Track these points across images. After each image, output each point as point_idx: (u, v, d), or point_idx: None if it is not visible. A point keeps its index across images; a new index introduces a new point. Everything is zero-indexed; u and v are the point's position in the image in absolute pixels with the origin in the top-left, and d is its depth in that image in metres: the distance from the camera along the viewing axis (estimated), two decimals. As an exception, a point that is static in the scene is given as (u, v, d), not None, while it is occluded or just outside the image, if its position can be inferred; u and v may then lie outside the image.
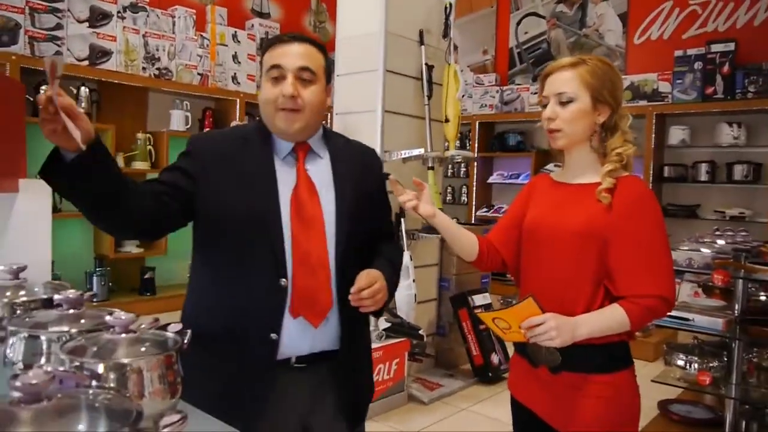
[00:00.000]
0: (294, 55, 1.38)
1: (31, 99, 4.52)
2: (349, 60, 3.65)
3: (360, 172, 1.50)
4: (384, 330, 3.31)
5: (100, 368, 0.95)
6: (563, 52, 6.59)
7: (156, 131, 5.26)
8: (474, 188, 6.81)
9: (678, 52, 5.53)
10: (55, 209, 4.62)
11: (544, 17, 6.80)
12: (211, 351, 1.32)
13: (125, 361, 0.97)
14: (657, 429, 2.85)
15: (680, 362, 2.67)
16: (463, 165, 6.95)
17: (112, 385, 0.96)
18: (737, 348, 2.55)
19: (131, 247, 5.13)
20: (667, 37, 5.95)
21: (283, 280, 1.34)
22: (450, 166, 7.06)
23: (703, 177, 5.47)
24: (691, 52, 5.46)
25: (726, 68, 5.26)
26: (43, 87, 4.47)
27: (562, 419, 1.43)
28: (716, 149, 5.43)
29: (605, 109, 1.43)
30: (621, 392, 1.41)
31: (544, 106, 1.48)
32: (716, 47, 5.34)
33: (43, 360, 1.06)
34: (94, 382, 0.93)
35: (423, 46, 3.70)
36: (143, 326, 1.16)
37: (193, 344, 1.16)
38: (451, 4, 3.80)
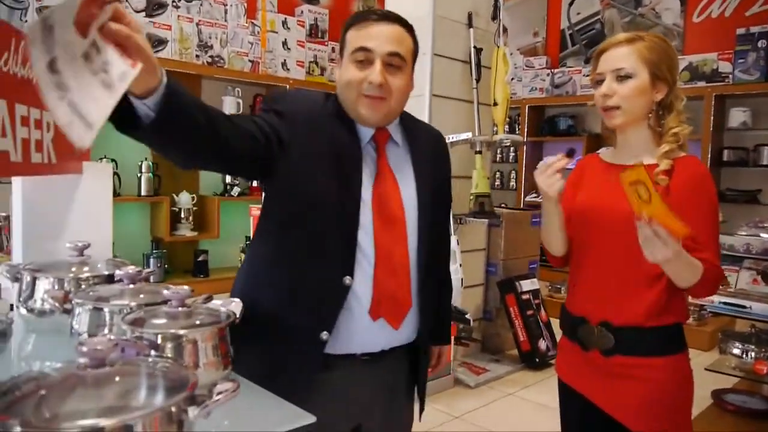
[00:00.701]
0: (384, 38, 1.26)
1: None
2: (396, 44, 3.64)
3: (434, 160, 1.44)
4: (430, 313, 3.33)
5: (159, 339, 1.00)
6: (618, 33, 6.38)
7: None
8: (523, 173, 6.71)
9: (740, 30, 5.28)
10: (115, 193, 4.82)
11: (597, -3, 6.60)
12: (260, 333, 1.28)
13: (181, 332, 1.03)
14: (710, 419, 2.78)
15: (736, 351, 2.59)
16: (512, 150, 6.86)
17: (168, 354, 1.02)
18: (797, 337, 2.46)
19: (185, 231, 5.30)
20: (729, 15, 5.69)
21: (348, 278, 1.26)
22: (499, 151, 6.97)
23: (765, 161, 5.24)
24: (754, 29, 5.21)
25: (792, 46, 5.00)
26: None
27: (614, 403, 1.42)
28: (780, 132, 5.19)
29: (663, 86, 1.40)
30: (674, 376, 1.39)
31: (598, 83, 1.44)
32: (782, 24, 5.08)
33: (106, 330, 1.12)
34: (152, 352, 0.99)
35: (471, 29, 3.66)
36: (198, 301, 1.22)
37: (243, 322, 1.19)
38: (500, -15, 3.75)
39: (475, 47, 3.65)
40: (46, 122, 1.23)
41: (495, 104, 3.64)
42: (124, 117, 0.96)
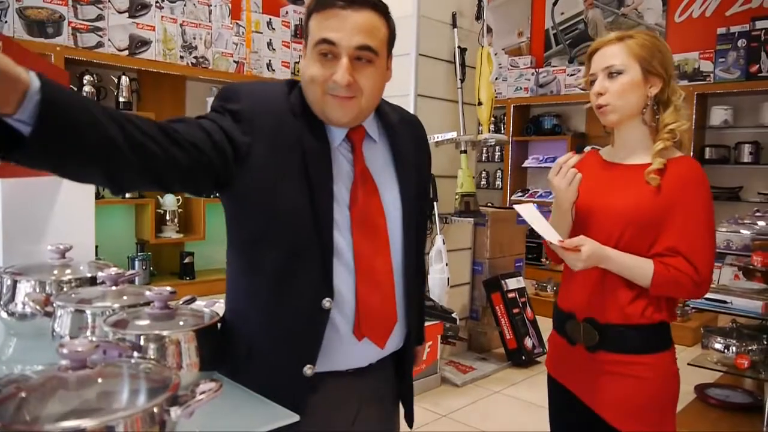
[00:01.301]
0: (351, 28, 1.07)
1: (74, 88, 4.67)
2: (381, 44, 3.65)
3: (415, 152, 1.29)
4: (417, 313, 3.34)
5: (141, 340, 1.00)
6: (601, 33, 6.45)
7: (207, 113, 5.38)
8: (509, 172, 6.75)
9: (721, 30, 5.36)
10: (98, 196, 4.78)
11: (581, -3, 6.66)
12: (243, 359, 1.16)
13: (164, 333, 1.02)
14: (694, 413, 2.81)
15: (718, 345, 2.62)
16: (498, 149, 6.90)
17: (152, 356, 1.01)
18: (778, 332, 2.50)
19: (171, 233, 5.27)
20: (710, 14, 5.76)
21: (327, 300, 1.12)
22: (485, 150, 7.01)
23: (747, 158, 5.31)
24: (734, 29, 5.29)
25: (772, 45, 5.08)
26: (86, 77, 4.62)
27: (598, 398, 1.43)
28: (760, 130, 5.27)
29: (656, 81, 1.39)
30: (658, 374, 1.40)
31: (592, 84, 1.44)
32: (761, 24, 5.16)
33: (88, 333, 1.11)
34: (135, 353, 0.98)
35: (456, 29, 3.68)
36: (181, 302, 1.22)
37: (232, 337, 1.17)
38: (484, -14, 3.77)
39: (459, 47, 3.67)
40: (26, 124, 1.22)
41: (480, 104, 3.66)
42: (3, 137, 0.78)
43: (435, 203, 3.59)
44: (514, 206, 1.50)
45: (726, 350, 2.60)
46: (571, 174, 1.41)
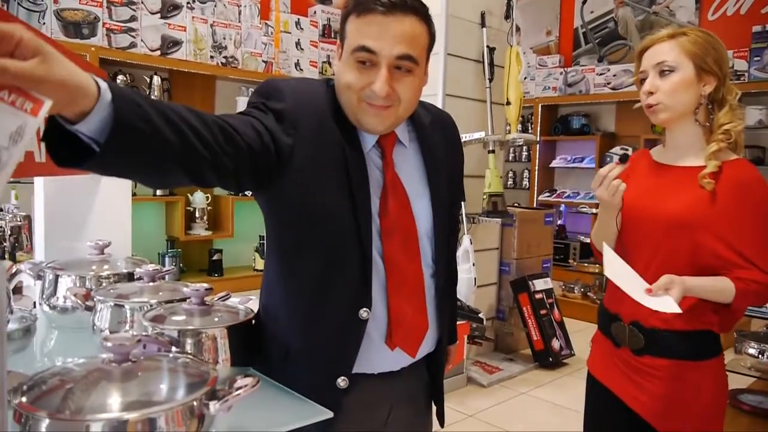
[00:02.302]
0: (393, 37, 1.03)
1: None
2: (409, 44, 3.66)
3: (446, 154, 1.26)
4: (443, 312, 3.35)
5: (179, 335, 1.03)
6: (631, 31, 6.36)
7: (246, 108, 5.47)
8: (536, 172, 6.69)
9: (756, 28, 5.24)
10: (131, 193, 4.88)
11: (611, -5, 6.57)
12: (281, 355, 1.16)
13: (201, 328, 1.05)
14: (726, 419, 2.76)
15: (752, 350, 2.57)
16: (525, 149, 6.84)
17: (189, 350, 1.04)
18: (814, 337, 2.44)
19: (200, 230, 5.35)
20: (744, 12, 5.64)
21: (364, 311, 1.10)
22: (512, 150, 6.96)
23: (783, 159, 5.20)
24: (770, 27, 5.17)
25: (810, 44, 4.95)
26: (119, 76, 4.72)
27: (640, 401, 1.42)
28: (797, 130, 5.14)
29: (711, 79, 1.34)
30: (705, 380, 1.38)
31: (642, 82, 1.39)
32: (799, 21, 5.03)
33: (127, 327, 1.14)
34: (173, 348, 1.01)
35: (484, 29, 3.66)
36: (216, 299, 1.24)
37: (266, 338, 1.18)
38: (513, -16, 3.75)
39: (488, 47, 3.65)
40: (69, 123, 1.26)
41: (508, 103, 3.64)
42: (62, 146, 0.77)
43: (462, 203, 3.59)
44: (606, 274, 1.41)
45: (761, 355, 2.55)
46: (614, 186, 1.36)
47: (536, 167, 6.70)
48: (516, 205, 6.27)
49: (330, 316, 1.12)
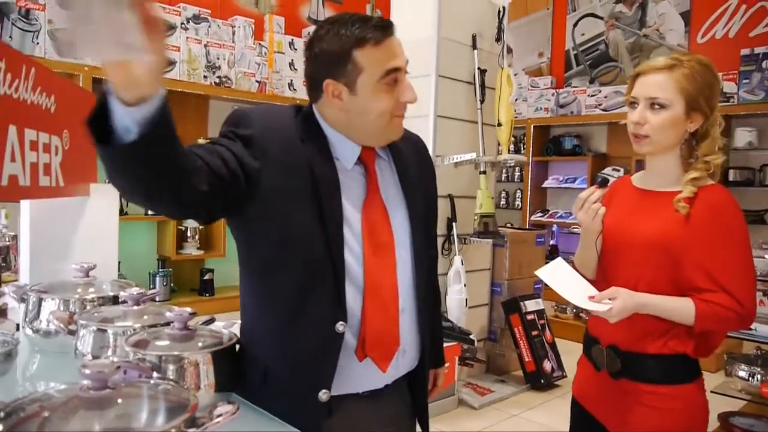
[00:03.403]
0: (400, 50, 1.13)
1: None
2: (401, 65, 3.70)
3: (420, 170, 1.31)
4: (435, 333, 3.33)
5: (161, 361, 1.02)
6: (622, 53, 6.44)
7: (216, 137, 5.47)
8: (528, 192, 6.72)
9: (745, 51, 5.32)
10: (121, 212, 4.86)
11: (602, 18, 6.66)
12: (261, 378, 1.17)
13: (183, 354, 1.04)
14: (717, 442, 2.75)
15: (742, 373, 2.57)
16: (517, 169, 6.88)
17: (170, 376, 1.03)
18: (804, 360, 2.45)
19: (192, 249, 5.33)
20: (733, 36, 5.73)
21: (340, 324, 1.13)
22: (504, 170, 6.99)
23: (772, 181, 5.24)
24: (758, 50, 5.25)
25: (797, 67, 5.03)
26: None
27: (621, 426, 1.42)
28: (786, 152, 5.20)
29: (698, 117, 1.36)
30: (680, 406, 1.37)
31: (632, 104, 1.41)
32: (786, 45, 5.11)
33: (109, 352, 1.13)
34: (154, 374, 1.00)
35: (476, 50, 3.70)
36: (200, 323, 1.24)
37: (247, 361, 1.18)
38: (504, 8, 3.80)
39: (479, 68, 3.69)
40: (54, 146, 1.26)
41: (499, 125, 3.66)
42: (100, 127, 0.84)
43: (454, 224, 3.60)
44: (536, 273, 1.47)
45: (750, 378, 2.55)
46: (594, 209, 1.39)
47: (529, 187, 6.73)
48: (509, 225, 6.29)
49: (307, 331, 1.13)
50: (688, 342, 1.36)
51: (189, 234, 5.31)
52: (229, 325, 1.20)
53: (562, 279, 1.40)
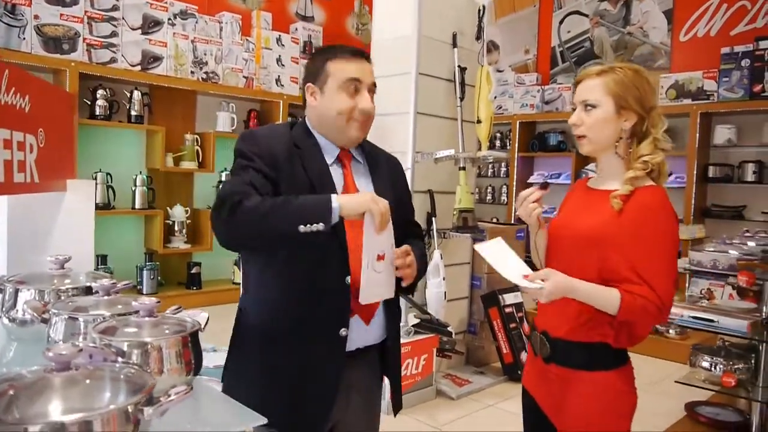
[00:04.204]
0: (368, 71, 1.47)
1: (88, 102, 4.82)
2: (383, 63, 3.73)
3: (390, 176, 1.61)
4: (413, 326, 3.41)
5: (125, 346, 1.09)
6: (606, 51, 6.52)
7: (203, 132, 5.51)
8: (514, 188, 6.81)
9: (724, 49, 5.40)
10: (109, 206, 4.91)
11: (587, 15, 6.74)
12: (278, 349, 1.43)
13: (147, 339, 1.11)
14: (682, 430, 2.85)
15: (705, 364, 2.66)
16: (503, 165, 6.97)
17: (135, 361, 1.10)
18: (764, 350, 2.54)
19: (179, 243, 5.39)
20: (714, 34, 5.82)
21: (348, 277, 1.42)
22: (491, 166, 7.08)
23: (750, 177, 5.33)
24: (738, 48, 5.33)
25: (775, 65, 5.12)
26: (99, 91, 4.75)
27: (552, 409, 1.51)
28: (763, 149, 5.29)
29: (631, 115, 1.45)
30: (601, 392, 1.45)
31: (574, 110, 1.53)
32: (765, 44, 5.19)
33: (81, 339, 1.20)
34: (119, 359, 1.07)
35: (456, 49, 3.77)
36: (168, 312, 1.30)
37: (256, 343, 1.45)
38: (484, 6, 3.86)
39: (459, 66, 3.75)
40: (29, 144, 1.33)
41: (479, 122, 3.73)
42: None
43: (434, 218, 3.67)
44: (475, 247, 1.59)
45: (713, 368, 2.64)
46: (531, 208, 1.50)
47: (514, 183, 6.82)
48: (494, 220, 6.37)
49: (323, 284, 1.42)
50: (609, 332, 1.43)
51: (176, 228, 5.37)
52: (194, 315, 1.27)
53: (501, 257, 1.49)
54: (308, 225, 1.28)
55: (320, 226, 1.29)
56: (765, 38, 5.23)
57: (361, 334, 1.48)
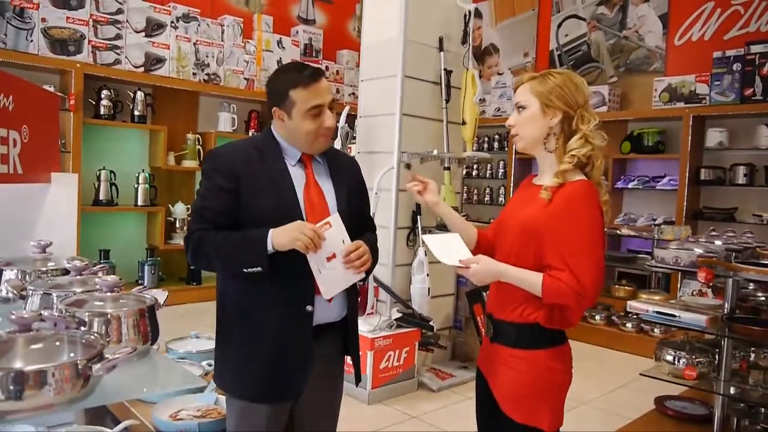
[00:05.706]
0: (326, 91, 1.65)
1: (93, 102, 5.00)
2: (371, 65, 3.89)
3: (347, 173, 1.83)
4: (395, 320, 3.54)
5: (86, 316, 1.23)
6: (603, 54, 6.61)
7: (205, 132, 5.68)
8: (511, 189, 6.90)
9: (717, 54, 5.47)
10: (112, 203, 5.09)
11: (584, 19, 6.83)
12: (254, 327, 1.64)
13: (107, 310, 1.25)
14: (649, 423, 2.95)
15: (669, 357, 2.76)
16: (501, 166, 7.07)
17: (97, 329, 1.24)
18: (726, 345, 2.63)
19: (180, 239, 5.55)
20: (708, 38, 5.88)
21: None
22: (489, 167, 7.19)
23: (741, 180, 5.39)
24: (729, 53, 5.40)
25: (765, 70, 5.18)
26: (104, 91, 4.93)
27: (493, 384, 1.63)
28: (755, 152, 5.34)
29: (556, 113, 1.58)
30: (529, 368, 1.57)
31: None
32: (756, 48, 5.26)
33: (54, 311, 1.34)
34: (81, 327, 1.21)
35: (442, 53, 3.89)
36: (134, 290, 1.45)
37: (236, 323, 1.65)
38: (470, 12, 3.98)
39: (445, 69, 3.87)
40: (13, 139, 1.47)
41: (464, 123, 3.85)
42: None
43: (418, 217, 3.80)
44: (424, 237, 1.78)
45: (676, 362, 2.73)
46: (408, 187, 1.77)
47: (511, 184, 6.92)
48: (492, 220, 6.46)
49: (289, 270, 1.60)
50: (539, 312, 1.55)
51: (177, 225, 5.54)
52: (156, 293, 1.41)
53: (445, 246, 1.61)
54: (248, 268, 1.54)
55: (259, 269, 1.53)
56: (756, 42, 5.30)
57: (325, 311, 1.69)
